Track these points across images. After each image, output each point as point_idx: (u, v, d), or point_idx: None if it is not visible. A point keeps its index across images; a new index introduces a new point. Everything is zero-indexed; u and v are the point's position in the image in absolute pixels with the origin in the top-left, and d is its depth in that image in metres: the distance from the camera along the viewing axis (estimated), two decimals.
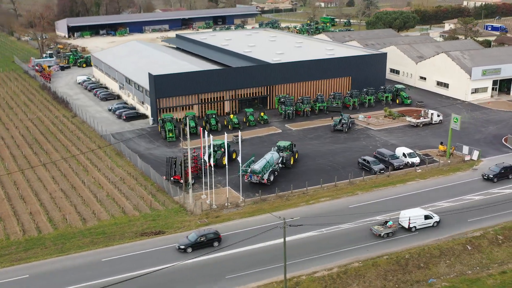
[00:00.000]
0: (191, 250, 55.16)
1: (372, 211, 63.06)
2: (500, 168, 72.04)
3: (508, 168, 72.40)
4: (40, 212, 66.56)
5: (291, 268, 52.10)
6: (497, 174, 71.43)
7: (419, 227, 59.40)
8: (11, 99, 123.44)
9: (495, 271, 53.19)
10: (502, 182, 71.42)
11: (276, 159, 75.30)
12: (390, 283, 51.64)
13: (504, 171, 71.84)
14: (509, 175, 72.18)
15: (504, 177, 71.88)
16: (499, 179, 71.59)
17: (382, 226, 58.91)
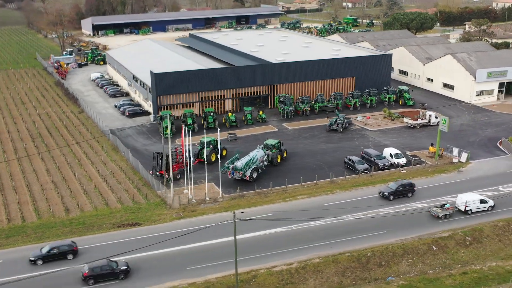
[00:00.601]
0: (41, 263, 53.38)
1: (345, 208, 63.90)
2: (397, 185, 66.98)
3: (407, 185, 67.30)
4: (28, 202, 69.61)
5: (252, 261, 53.75)
6: (393, 192, 66.34)
7: (474, 210, 63.22)
8: (25, 94, 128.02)
9: (456, 272, 53.46)
10: (400, 200, 66.47)
11: (260, 156, 76.65)
12: (347, 280, 52.56)
13: (402, 189, 66.77)
14: (408, 192, 67.18)
15: (402, 195, 66.69)
16: (396, 197, 66.49)
17: (441, 208, 62.98)
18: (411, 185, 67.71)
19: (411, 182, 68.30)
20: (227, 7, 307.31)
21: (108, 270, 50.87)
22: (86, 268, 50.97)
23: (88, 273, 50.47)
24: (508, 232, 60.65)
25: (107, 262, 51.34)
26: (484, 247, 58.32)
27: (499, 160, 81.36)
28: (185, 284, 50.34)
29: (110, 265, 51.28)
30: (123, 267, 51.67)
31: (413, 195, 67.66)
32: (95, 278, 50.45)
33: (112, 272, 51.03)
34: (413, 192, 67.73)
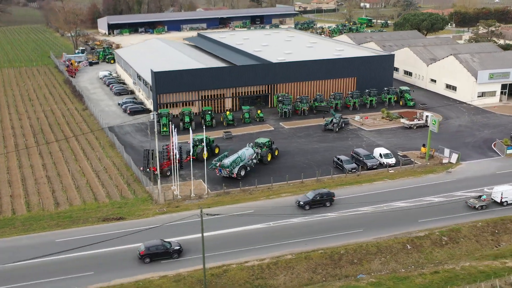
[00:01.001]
0: None
1: (324, 208, 64.66)
2: (315, 195, 64.82)
3: (325, 194, 65.14)
4: (20, 195, 71.84)
5: (226, 256, 54.97)
6: (309, 202, 64.31)
7: (510, 202, 65.62)
8: (34, 91, 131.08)
9: (428, 271, 53.82)
10: (317, 210, 64.21)
11: (249, 155, 77.69)
12: (318, 276, 53.36)
13: (319, 198, 64.59)
14: (326, 202, 65.00)
15: (319, 204, 64.63)
16: (312, 207, 64.39)
17: (477, 199, 65.33)
18: (329, 194, 65.17)
19: (329, 191, 65.63)
20: (243, 7, 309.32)
21: (162, 249, 54.37)
22: (142, 247, 54.42)
23: (144, 252, 54.02)
24: (486, 233, 60.74)
25: (161, 242, 54.86)
26: (460, 247, 58.54)
27: (490, 161, 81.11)
28: (156, 276, 51.68)
29: (165, 245, 54.71)
30: (176, 247, 55.09)
31: (331, 204, 65.08)
32: (150, 256, 53.96)
33: (166, 252, 54.45)
34: (331, 202, 65.08)
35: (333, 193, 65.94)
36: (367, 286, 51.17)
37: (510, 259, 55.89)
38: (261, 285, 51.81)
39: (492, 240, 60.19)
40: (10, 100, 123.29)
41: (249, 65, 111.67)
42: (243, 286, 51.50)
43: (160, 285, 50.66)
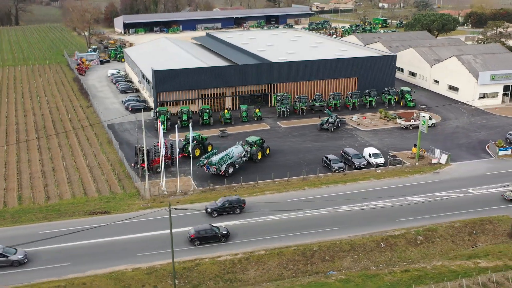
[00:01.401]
0: None
1: (304, 206, 65.58)
2: (223, 202, 64.08)
3: (234, 201, 64.00)
4: (14, 189, 74.26)
5: (200, 251, 56.29)
6: (217, 209, 63.49)
7: None
8: (43, 89, 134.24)
9: (399, 269, 54.38)
10: (225, 217, 63.10)
11: (238, 152, 78.88)
12: (288, 272, 54.34)
13: (228, 205, 63.62)
14: (236, 209, 63.85)
15: (228, 211, 63.59)
16: (220, 214, 63.35)
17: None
18: (238, 201, 64.12)
19: (239, 198, 64.59)
20: (260, 7, 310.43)
21: (211, 233, 57.48)
22: (192, 231, 57.72)
23: (194, 235, 57.17)
24: (463, 233, 60.96)
25: (210, 227, 58.04)
26: (434, 246, 58.89)
27: (481, 162, 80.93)
28: (130, 268, 53.25)
29: (213, 230, 57.77)
30: (224, 231, 58.22)
31: (241, 211, 64.08)
32: (200, 239, 57.09)
33: (215, 236, 57.53)
34: (241, 209, 64.02)
35: (243, 201, 64.42)
36: (335, 283, 51.97)
37: (484, 259, 56.07)
38: (231, 279, 53.00)
39: (469, 241, 60.39)
40: (18, 97, 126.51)
41: (248, 64, 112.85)
42: (213, 279, 52.75)
43: (133, 276, 52.23)
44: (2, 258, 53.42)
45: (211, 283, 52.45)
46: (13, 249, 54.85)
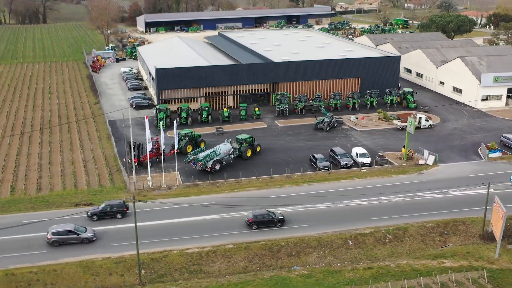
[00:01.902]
0: None
1: (281, 202, 66.92)
2: (104, 206, 63.97)
3: (115, 206, 63.74)
4: (9, 180, 77.54)
5: (171, 243, 58.31)
6: (98, 212, 63.25)
7: None
8: (56, 85, 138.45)
9: (362, 267, 55.28)
10: (105, 222, 62.87)
11: (226, 150, 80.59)
12: (253, 266, 55.81)
13: (109, 209, 63.44)
14: (117, 214, 63.51)
15: (110, 215, 63.44)
16: (101, 218, 63.19)
17: None
18: (120, 205, 63.84)
19: (121, 202, 64.34)
20: (283, 7, 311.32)
21: (268, 218, 61.00)
22: (250, 215, 61.25)
23: (252, 220, 60.75)
24: (434, 234, 61.40)
25: (267, 212, 61.62)
26: (403, 245, 59.52)
27: (469, 164, 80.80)
28: (100, 258, 55.54)
29: (270, 215, 61.27)
30: (279, 217, 61.44)
31: (123, 216, 63.58)
32: (258, 223, 60.65)
33: (271, 220, 60.89)
34: (123, 214, 63.63)
35: (126, 205, 64.19)
36: (296, 278, 53.25)
37: (450, 259, 56.49)
38: (196, 270, 54.79)
39: (440, 241, 60.78)
40: (31, 92, 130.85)
41: (250, 64, 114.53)
42: (179, 271, 54.63)
43: (102, 265, 54.51)
44: (73, 236, 57.98)
45: (176, 274, 54.34)
46: (83, 228, 59.48)
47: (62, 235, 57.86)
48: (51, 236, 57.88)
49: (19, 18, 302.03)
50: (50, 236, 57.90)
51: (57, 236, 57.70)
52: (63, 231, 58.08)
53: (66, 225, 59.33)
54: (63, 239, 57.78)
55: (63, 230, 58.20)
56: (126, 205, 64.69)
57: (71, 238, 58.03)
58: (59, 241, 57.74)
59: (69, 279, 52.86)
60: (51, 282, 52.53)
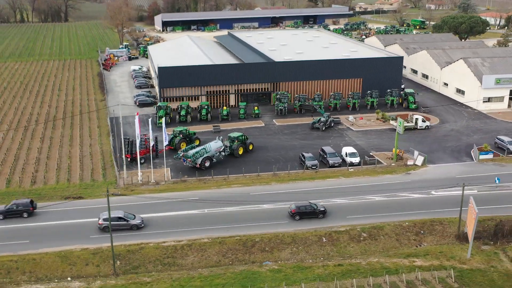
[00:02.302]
0: None
1: (264, 199, 68.20)
2: (11, 205, 64.14)
3: (21, 205, 63.96)
4: (6, 173, 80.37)
5: (149, 236, 60.04)
6: (4, 211, 63.70)
7: None
8: (66, 82, 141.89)
9: (333, 263, 56.22)
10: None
11: (217, 147, 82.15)
12: (226, 260, 57.22)
13: (15, 208, 63.84)
14: (23, 213, 63.76)
15: (16, 215, 63.74)
16: (7, 217, 63.56)
17: None
18: (26, 205, 63.88)
19: (27, 201, 64.42)
20: (302, 7, 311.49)
21: (310, 209, 63.67)
22: (293, 206, 63.87)
23: (295, 210, 63.36)
24: (410, 233, 61.93)
25: (309, 203, 64.30)
26: (377, 244, 60.22)
27: (458, 166, 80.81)
28: (79, 248, 57.62)
29: (312, 206, 63.94)
30: (321, 208, 64.24)
31: (30, 215, 63.82)
32: (300, 214, 63.31)
33: (313, 211, 63.60)
34: (29, 213, 63.65)
35: (33, 205, 64.54)
36: (266, 272, 54.49)
37: (422, 258, 57.05)
38: (170, 263, 56.46)
39: (415, 240, 61.30)
40: (42, 89, 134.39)
41: (251, 63, 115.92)
42: (153, 263, 56.37)
43: (79, 255, 56.61)
44: (123, 222, 61.02)
45: (150, 265, 56.09)
46: (132, 215, 62.50)
47: (112, 221, 59.73)
48: (102, 222, 60.74)
49: (41, 17, 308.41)
50: (101, 222, 60.78)
51: (107, 222, 59.15)
52: (114, 218, 60.47)
53: (117, 212, 61.99)
54: (114, 225, 59.61)
55: (113, 216, 60.44)
56: (33, 204, 65.01)
57: (121, 224, 61.03)
58: None
59: (47, 268, 55.06)
60: (30, 271, 54.79)
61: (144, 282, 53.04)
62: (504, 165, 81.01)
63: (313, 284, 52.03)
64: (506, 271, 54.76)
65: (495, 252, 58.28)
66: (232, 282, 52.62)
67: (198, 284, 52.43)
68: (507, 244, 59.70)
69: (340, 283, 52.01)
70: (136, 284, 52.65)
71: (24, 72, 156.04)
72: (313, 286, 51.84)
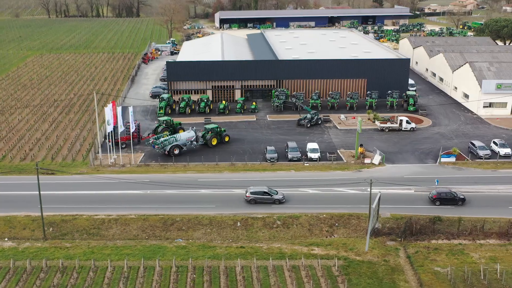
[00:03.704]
0: None
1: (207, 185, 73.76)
2: None
3: None
4: (3, 149, 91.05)
5: (87, 210, 67.54)
6: None
7: None
8: (103, 73, 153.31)
9: (236, 245, 60.94)
10: None
11: (188, 137, 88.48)
12: (143, 234, 63.58)
13: None
14: None
15: None
16: None
17: None
18: None
19: None
20: (367, 7, 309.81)
21: (451, 196, 68.52)
22: (434, 192, 69.22)
23: (436, 196, 68.57)
24: (324, 224, 65.14)
25: (449, 190, 69.05)
26: (287, 231, 64.05)
27: (415, 167, 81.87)
28: (23, 215, 66.19)
29: (452, 193, 68.63)
30: (460, 196, 68.66)
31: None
32: (441, 200, 68.37)
33: (453, 198, 68.51)
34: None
35: None
36: (172, 248, 60.31)
37: (322, 248, 60.39)
38: (94, 233, 63.69)
39: (327, 231, 64.48)
40: (77, 79, 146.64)
41: (255, 60, 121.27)
42: (80, 232, 63.85)
43: (20, 221, 65.20)
44: (267, 196, 68.49)
45: (77, 234, 63.61)
46: (275, 191, 69.66)
47: (258, 195, 68.29)
48: (249, 195, 68.48)
49: (115, 12, 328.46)
50: (249, 195, 68.52)
51: (254, 196, 68.21)
52: (260, 191, 68.55)
53: (262, 187, 69.80)
54: (259, 198, 68.13)
55: (259, 190, 68.67)
56: None
57: (265, 198, 68.32)
58: (255, 200, 68.33)
59: None
60: None
61: (64, 246, 60.61)
62: (462, 168, 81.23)
63: (217, 262, 56.89)
64: (396, 265, 56.96)
65: (396, 248, 60.35)
66: (137, 253, 58.90)
67: (107, 252, 59.20)
68: (414, 242, 61.43)
69: (230, 262, 56.69)
70: (57, 248, 60.35)
71: (71, 63, 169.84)
72: (217, 263, 56.66)
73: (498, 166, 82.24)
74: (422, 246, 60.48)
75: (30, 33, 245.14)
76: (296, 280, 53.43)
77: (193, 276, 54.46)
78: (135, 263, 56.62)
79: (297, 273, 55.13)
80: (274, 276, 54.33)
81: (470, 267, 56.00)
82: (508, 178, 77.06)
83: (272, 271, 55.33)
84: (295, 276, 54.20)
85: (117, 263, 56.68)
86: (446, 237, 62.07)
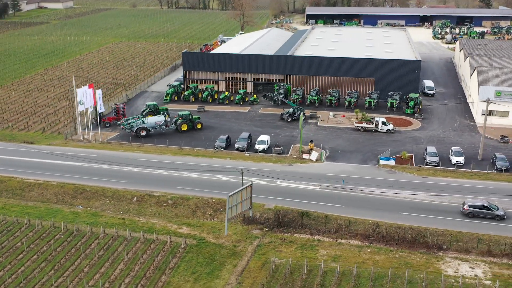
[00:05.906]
0: None
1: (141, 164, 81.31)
2: None
3: None
4: (6, 120, 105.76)
5: (21, 174, 78.48)
6: None
7: None
8: (149, 62, 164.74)
9: (118, 216, 67.88)
10: None
11: (157, 121, 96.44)
12: (54, 199, 72.95)
13: None
14: None
15: None
16: None
17: None
18: None
19: None
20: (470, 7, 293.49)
21: None
22: None
23: None
24: (210, 208, 69.28)
25: None
26: (172, 210, 69.44)
27: (350, 167, 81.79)
28: None
29: None
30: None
31: None
32: None
33: None
34: None
35: None
36: (66, 212, 69.03)
37: (189, 228, 64.90)
38: (17, 194, 74.43)
39: (210, 215, 68.78)
40: (118, 66, 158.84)
41: (264, 55, 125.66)
42: (8, 191, 74.96)
43: None
44: (487, 211, 64.95)
45: (5, 193, 74.68)
46: (496, 206, 65.95)
47: (477, 208, 65.23)
48: (467, 208, 65.46)
49: (222, 5, 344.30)
50: (467, 208, 65.49)
51: (472, 209, 65.17)
52: (479, 205, 65.32)
53: (482, 200, 66.31)
54: (478, 212, 64.94)
55: (479, 204, 65.51)
56: None
57: (485, 213, 64.85)
58: (474, 213, 65.08)
59: None
60: None
61: None
62: (395, 172, 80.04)
63: (98, 228, 64.49)
64: (240, 251, 59.72)
65: (256, 237, 63.08)
66: (36, 213, 68.36)
67: (14, 209, 69.45)
68: (278, 233, 63.63)
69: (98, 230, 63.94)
70: None
71: (137, 51, 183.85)
72: (99, 230, 64.28)
73: (437, 173, 79.57)
74: (280, 238, 62.56)
75: (130, 22, 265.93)
76: (140, 251, 59.02)
77: (61, 236, 62.50)
78: (26, 220, 65.67)
79: (146, 245, 60.73)
80: (121, 245, 60.46)
81: (309, 262, 57.38)
82: (430, 186, 74.83)
83: (125, 240, 61.50)
84: (141, 247, 59.89)
85: (10, 218, 66.32)
86: (310, 233, 63.34)
